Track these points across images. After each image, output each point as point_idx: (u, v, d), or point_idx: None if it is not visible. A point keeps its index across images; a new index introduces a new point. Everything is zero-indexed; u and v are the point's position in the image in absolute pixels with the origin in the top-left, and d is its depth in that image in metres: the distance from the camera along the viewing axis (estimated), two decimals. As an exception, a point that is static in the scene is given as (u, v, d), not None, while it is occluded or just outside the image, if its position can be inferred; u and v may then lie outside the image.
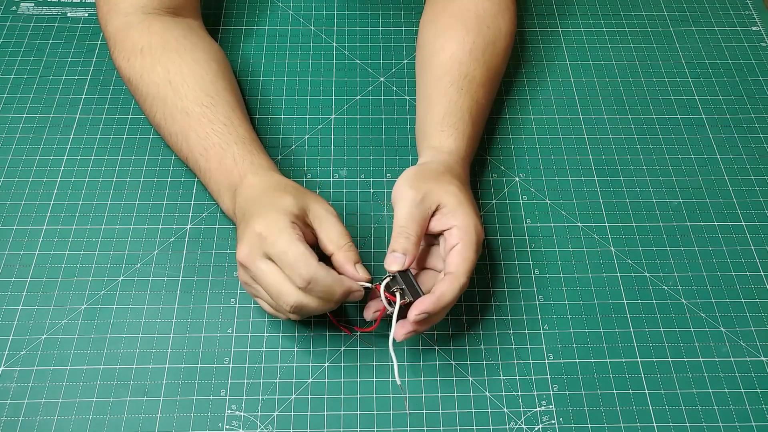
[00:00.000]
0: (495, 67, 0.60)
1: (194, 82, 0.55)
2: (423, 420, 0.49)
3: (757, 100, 0.67)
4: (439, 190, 0.49)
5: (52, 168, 0.60)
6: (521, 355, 0.52)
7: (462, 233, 0.47)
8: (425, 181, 0.49)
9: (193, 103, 0.54)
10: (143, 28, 0.57)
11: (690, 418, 0.49)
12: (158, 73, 0.55)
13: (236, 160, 0.52)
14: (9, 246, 0.56)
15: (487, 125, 0.64)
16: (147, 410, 0.49)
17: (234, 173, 0.51)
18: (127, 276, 0.54)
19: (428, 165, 0.52)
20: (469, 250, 0.47)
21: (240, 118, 0.55)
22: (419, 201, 0.48)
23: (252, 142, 0.54)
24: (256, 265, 0.45)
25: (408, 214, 0.47)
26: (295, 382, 0.50)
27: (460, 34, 0.59)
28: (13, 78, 0.66)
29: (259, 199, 0.48)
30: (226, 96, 0.56)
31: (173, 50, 0.56)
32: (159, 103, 0.55)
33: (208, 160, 0.53)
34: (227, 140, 0.53)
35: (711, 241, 0.58)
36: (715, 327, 0.53)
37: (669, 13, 0.75)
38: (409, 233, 0.47)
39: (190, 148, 0.54)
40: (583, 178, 0.61)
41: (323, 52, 0.70)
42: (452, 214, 0.48)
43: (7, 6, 0.72)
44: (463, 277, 0.46)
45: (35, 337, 0.51)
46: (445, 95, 0.56)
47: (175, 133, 0.55)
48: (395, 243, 0.47)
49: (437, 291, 0.45)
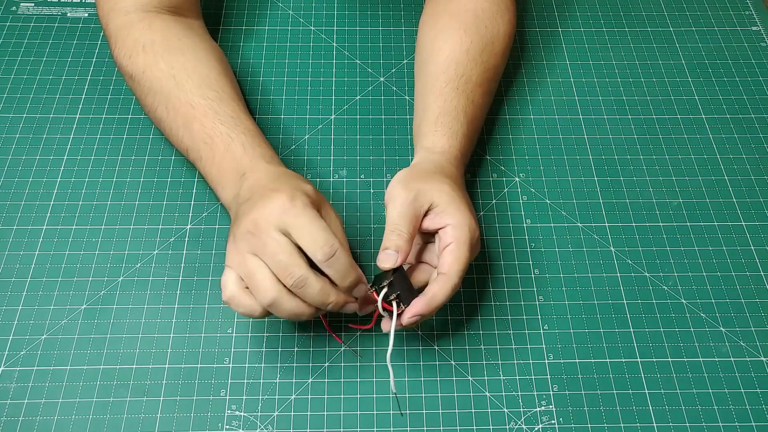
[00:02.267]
0: (493, 67, 0.60)
1: (199, 78, 0.55)
2: (423, 420, 0.49)
3: (757, 100, 0.67)
4: (431, 190, 0.49)
5: (52, 168, 0.60)
6: (521, 355, 0.52)
7: (456, 231, 0.47)
8: (416, 181, 0.49)
9: (199, 96, 0.54)
10: (144, 26, 0.57)
11: (690, 418, 0.49)
12: (162, 69, 0.55)
13: (245, 148, 0.51)
14: (9, 246, 0.56)
15: (486, 125, 0.64)
16: (147, 410, 0.49)
17: (243, 160, 0.51)
18: (127, 276, 0.54)
19: (420, 165, 0.52)
20: (462, 249, 0.46)
21: (246, 114, 0.55)
22: (411, 200, 0.48)
23: (260, 136, 0.54)
24: (269, 232, 0.43)
25: (400, 213, 0.47)
26: (295, 382, 0.50)
27: (458, 34, 0.59)
28: (13, 78, 0.66)
29: (277, 180, 0.47)
30: (230, 93, 0.56)
31: (176, 48, 0.56)
32: (162, 97, 0.55)
33: (213, 147, 0.52)
34: (235, 130, 0.52)
35: (711, 241, 0.58)
36: (715, 327, 0.53)
37: (669, 13, 0.75)
38: (401, 230, 0.47)
39: (193, 137, 0.53)
40: (583, 178, 0.61)
41: (323, 52, 0.70)
42: (445, 213, 0.48)
43: (7, 6, 0.72)
44: (456, 278, 0.46)
45: (35, 337, 0.51)
46: (441, 95, 0.56)
47: (177, 126, 0.54)
48: (387, 241, 0.47)
49: (429, 292, 0.46)
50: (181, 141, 0.55)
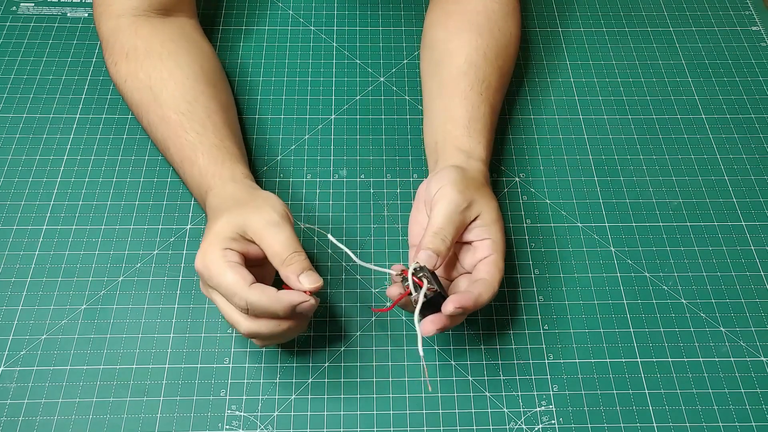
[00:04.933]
0: (507, 71, 0.60)
1: (174, 88, 0.55)
2: (423, 420, 0.49)
3: (757, 100, 0.67)
4: (482, 201, 0.49)
5: (52, 168, 0.60)
6: (521, 355, 0.52)
7: (496, 246, 0.48)
8: (470, 189, 0.49)
9: (172, 110, 0.54)
10: (131, 31, 0.57)
11: (690, 418, 0.49)
12: (141, 79, 0.55)
13: (202, 174, 0.51)
14: (9, 246, 0.56)
15: (487, 125, 0.64)
16: (147, 410, 0.49)
17: (202, 187, 0.51)
18: (127, 276, 0.54)
19: (469, 172, 0.51)
20: (501, 263, 0.47)
21: (215, 124, 0.54)
22: (464, 208, 0.48)
23: (219, 149, 0.53)
24: (212, 297, 0.45)
25: (449, 217, 0.47)
26: (295, 382, 0.50)
27: (473, 37, 0.59)
28: (13, 78, 0.66)
29: (214, 216, 0.47)
30: (204, 101, 0.55)
31: (156, 55, 0.56)
32: (143, 110, 0.56)
33: (184, 169, 0.53)
34: (196, 151, 0.52)
35: (711, 241, 0.58)
36: (715, 327, 0.53)
37: (669, 13, 0.75)
38: (445, 236, 0.46)
39: (172, 156, 0.54)
40: (583, 178, 0.61)
41: (323, 52, 0.70)
42: (488, 228, 0.48)
43: (7, 6, 0.72)
44: (497, 286, 0.47)
45: (35, 337, 0.51)
46: (467, 99, 0.56)
47: (160, 140, 0.55)
48: (431, 242, 0.46)
49: (475, 291, 0.45)
50: (166, 155, 0.56)
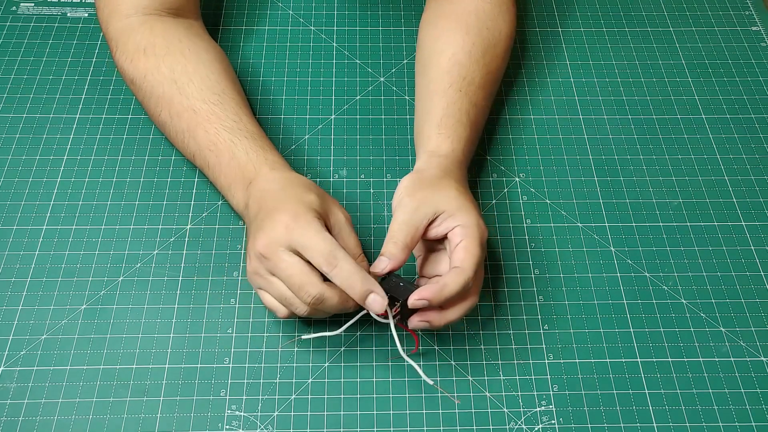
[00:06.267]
0: (495, 69, 0.60)
1: (200, 81, 0.55)
2: (423, 420, 0.49)
3: (757, 100, 0.67)
4: (437, 197, 0.49)
5: (52, 168, 0.60)
6: (521, 355, 0.52)
7: (465, 230, 0.47)
8: (422, 189, 0.49)
9: (201, 101, 0.54)
10: (145, 29, 0.57)
11: (690, 418, 0.49)
12: (163, 73, 0.55)
13: (249, 154, 0.52)
14: (9, 246, 0.56)
15: (487, 125, 0.64)
16: (147, 410, 0.49)
17: (248, 167, 0.51)
18: (127, 276, 0.54)
19: (426, 171, 0.51)
20: (473, 245, 0.47)
21: (248, 116, 0.56)
22: (413, 209, 0.48)
23: (263, 138, 0.54)
24: (279, 255, 0.45)
25: (401, 222, 0.48)
26: (295, 382, 0.50)
27: (460, 36, 0.59)
28: (13, 78, 0.66)
29: (282, 192, 0.48)
30: (232, 95, 0.56)
31: (177, 51, 0.56)
32: (164, 102, 0.55)
33: (218, 155, 0.52)
34: (238, 135, 0.53)
35: (711, 241, 0.58)
36: (715, 327, 0.53)
37: (669, 13, 0.75)
38: (396, 239, 0.47)
39: (198, 144, 0.53)
40: (583, 178, 0.61)
41: (323, 52, 0.70)
42: (453, 217, 0.48)
43: (7, 6, 0.72)
44: (469, 271, 0.46)
45: (35, 337, 0.51)
46: (444, 97, 0.56)
47: (182, 131, 0.54)
48: (383, 248, 0.47)
49: (441, 282, 0.45)
50: (186, 147, 0.55)
